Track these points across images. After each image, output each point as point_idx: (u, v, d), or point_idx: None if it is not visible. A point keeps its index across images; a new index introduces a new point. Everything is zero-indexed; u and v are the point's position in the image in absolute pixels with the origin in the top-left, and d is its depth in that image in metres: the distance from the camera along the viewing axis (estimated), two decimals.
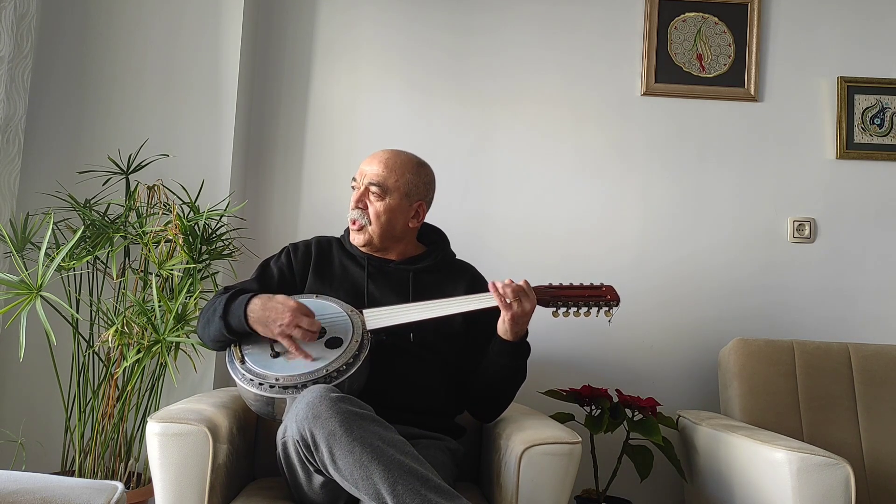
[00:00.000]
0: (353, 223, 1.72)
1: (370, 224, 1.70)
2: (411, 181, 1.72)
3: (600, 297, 1.68)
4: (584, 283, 1.71)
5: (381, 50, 2.48)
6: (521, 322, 1.58)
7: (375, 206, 1.70)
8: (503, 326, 1.59)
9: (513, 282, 1.59)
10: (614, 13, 2.51)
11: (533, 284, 1.64)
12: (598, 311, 1.68)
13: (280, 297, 1.54)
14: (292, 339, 1.50)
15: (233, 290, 1.65)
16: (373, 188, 1.70)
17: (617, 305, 1.69)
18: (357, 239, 1.73)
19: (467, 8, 2.50)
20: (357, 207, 1.71)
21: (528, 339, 1.66)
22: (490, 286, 1.57)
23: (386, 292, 1.71)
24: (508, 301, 1.56)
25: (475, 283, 1.79)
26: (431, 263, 1.77)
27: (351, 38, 2.48)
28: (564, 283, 1.69)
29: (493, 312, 1.63)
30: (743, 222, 2.46)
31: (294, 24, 2.49)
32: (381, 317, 1.61)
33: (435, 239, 1.85)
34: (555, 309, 1.65)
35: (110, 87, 2.27)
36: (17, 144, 2.13)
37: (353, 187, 1.75)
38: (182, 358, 2.02)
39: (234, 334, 1.55)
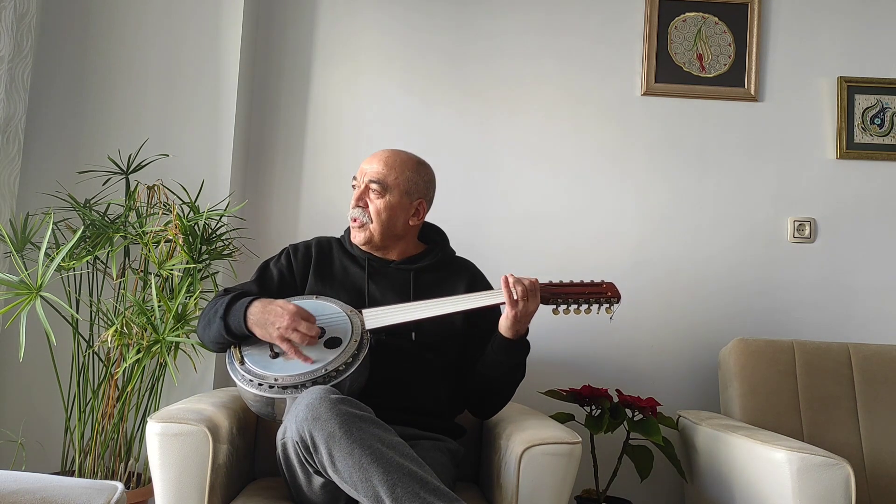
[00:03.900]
0: (354, 221, 1.73)
1: (371, 222, 1.71)
2: (411, 179, 1.72)
3: (601, 293, 1.67)
4: (585, 281, 1.70)
5: (380, 50, 2.48)
6: (523, 321, 1.59)
7: (376, 203, 1.70)
8: (505, 323, 1.59)
9: (526, 280, 1.59)
10: (614, 13, 2.51)
11: None
12: (599, 308, 1.67)
13: (280, 301, 1.55)
14: (290, 343, 1.50)
15: (234, 291, 1.65)
16: (373, 186, 1.70)
17: (618, 302, 1.67)
18: (358, 237, 1.73)
19: (467, 10, 2.50)
20: (357, 206, 1.72)
21: (528, 338, 1.66)
22: (502, 279, 1.57)
23: (386, 292, 1.71)
24: (516, 298, 1.56)
25: (475, 281, 1.79)
26: (432, 262, 1.77)
27: (351, 38, 2.48)
28: (565, 281, 1.69)
29: (493, 310, 1.63)
30: (743, 222, 2.46)
31: (294, 23, 2.48)
32: (380, 316, 1.61)
33: (434, 237, 1.85)
34: (555, 307, 1.64)
35: (110, 87, 2.27)
36: (17, 144, 2.13)
37: (353, 186, 1.75)
38: (182, 358, 2.02)
39: (234, 336, 1.55)
